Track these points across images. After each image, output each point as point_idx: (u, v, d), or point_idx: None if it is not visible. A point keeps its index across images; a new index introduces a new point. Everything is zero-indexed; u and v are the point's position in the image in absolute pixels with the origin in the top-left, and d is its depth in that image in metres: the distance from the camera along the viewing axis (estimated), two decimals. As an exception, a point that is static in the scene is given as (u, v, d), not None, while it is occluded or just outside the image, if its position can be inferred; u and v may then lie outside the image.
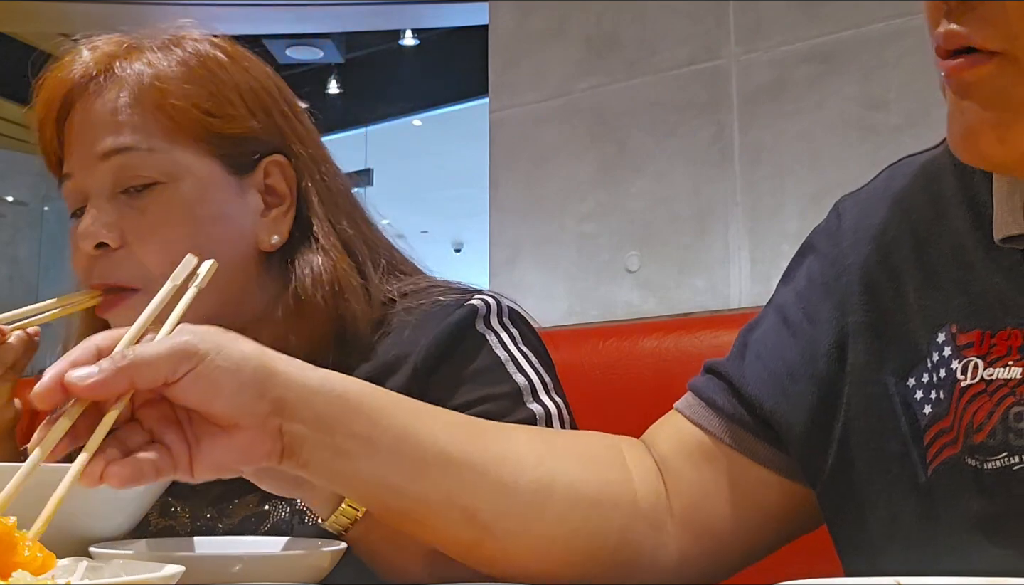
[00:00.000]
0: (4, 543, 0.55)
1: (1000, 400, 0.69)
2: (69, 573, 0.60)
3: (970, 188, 0.76)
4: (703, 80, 2.73)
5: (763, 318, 0.87)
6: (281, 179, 1.04)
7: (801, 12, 2.60)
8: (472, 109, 6.59)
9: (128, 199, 0.99)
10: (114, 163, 0.99)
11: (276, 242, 1.02)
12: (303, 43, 7.04)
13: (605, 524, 0.79)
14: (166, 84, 0.99)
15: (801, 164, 2.55)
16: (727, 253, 2.64)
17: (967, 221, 0.75)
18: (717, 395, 0.84)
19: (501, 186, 2.98)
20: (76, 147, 1.02)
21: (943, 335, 0.73)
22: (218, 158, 1.01)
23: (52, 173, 1.06)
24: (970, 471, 0.69)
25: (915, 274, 0.77)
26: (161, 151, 0.98)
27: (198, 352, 0.63)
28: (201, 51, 1.03)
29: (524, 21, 3.07)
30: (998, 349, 0.70)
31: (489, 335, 1.00)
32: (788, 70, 2.61)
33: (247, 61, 1.06)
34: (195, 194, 0.99)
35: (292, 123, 1.07)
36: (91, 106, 1.01)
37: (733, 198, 2.64)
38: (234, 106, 1.02)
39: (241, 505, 0.99)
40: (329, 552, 0.79)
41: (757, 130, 2.63)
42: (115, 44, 1.03)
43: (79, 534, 0.82)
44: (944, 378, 0.72)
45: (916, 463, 0.73)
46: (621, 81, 2.86)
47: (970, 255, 0.74)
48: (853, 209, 0.85)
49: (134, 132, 0.99)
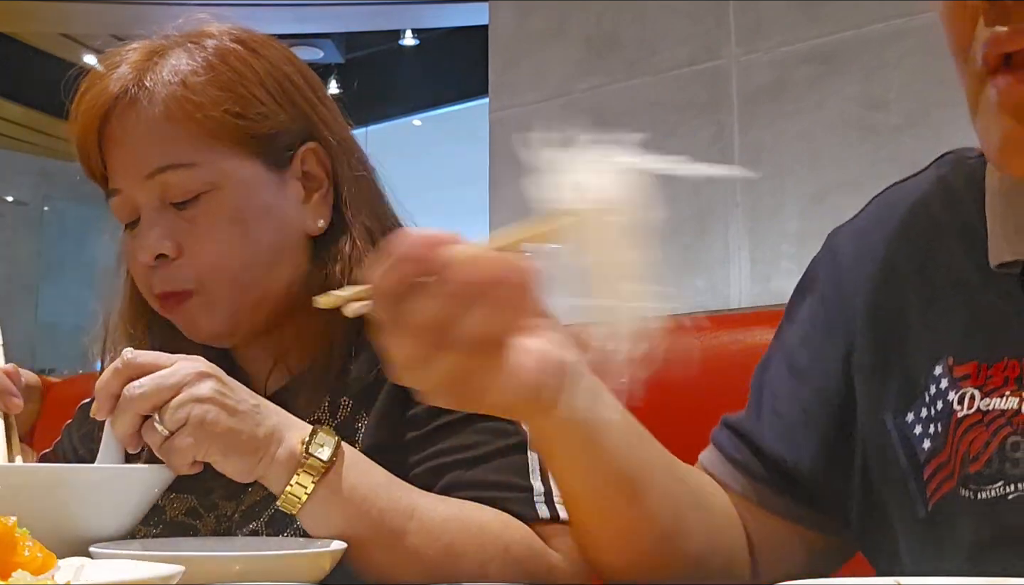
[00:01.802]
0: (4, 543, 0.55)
1: (997, 430, 0.68)
2: (69, 573, 0.60)
3: (960, 215, 0.76)
4: (703, 80, 2.73)
5: (772, 360, 0.88)
6: (316, 164, 1.07)
7: (801, 12, 2.60)
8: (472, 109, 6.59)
9: (178, 211, 1.01)
10: (159, 181, 1.01)
11: (322, 225, 1.06)
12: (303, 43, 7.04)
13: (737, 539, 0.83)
14: (196, 94, 1.01)
15: (801, 164, 2.54)
16: (727, 253, 2.64)
17: (961, 249, 0.75)
18: (739, 453, 0.85)
19: (501, 186, 2.98)
20: (120, 164, 1.04)
21: (940, 368, 0.73)
22: (257, 157, 1.03)
23: (97, 184, 1.08)
24: (965, 502, 0.69)
25: (917, 305, 0.77)
26: (202, 163, 1.01)
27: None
28: (222, 48, 1.04)
29: (524, 21, 3.07)
30: (995, 380, 0.70)
31: None
32: (788, 70, 2.61)
33: (269, 50, 1.07)
34: (240, 196, 1.02)
35: (319, 109, 1.09)
36: (128, 122, 1.02)
37: (733, 198, 2.64)
38: (262, 103, 1.04)
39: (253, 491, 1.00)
40: (329, 552, 0.79)
41: (757, 130, 2.63)
42: (141, 53, 1.05)
43: (79, 534, 0.82)
44: (941, 410, 0.72)
45: (916, 498, 0.73)
46: (621, 81, 2.86)
47: (967, 283, 0.74)
48: (848, 243, 0.85)
49: (174, 147, 1.01)
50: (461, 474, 0.93)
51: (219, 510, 1.02)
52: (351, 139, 1.13)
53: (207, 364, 0.86)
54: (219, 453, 0.84)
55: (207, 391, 0.83)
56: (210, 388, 0.83)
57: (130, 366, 0.85)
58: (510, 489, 0.93)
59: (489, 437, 0.95)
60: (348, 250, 1.04)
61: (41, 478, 0.85)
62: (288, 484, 0.84)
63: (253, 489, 0.99)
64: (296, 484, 0.84)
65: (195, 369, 0.84)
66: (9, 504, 0.66)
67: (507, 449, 0.94)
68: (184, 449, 0.83)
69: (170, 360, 0.86)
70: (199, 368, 0.85)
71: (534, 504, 0.92)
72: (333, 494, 0.85)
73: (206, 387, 0.83)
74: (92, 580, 0.60)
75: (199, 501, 1.04)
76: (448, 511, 0.89)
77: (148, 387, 0.83)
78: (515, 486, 0.93)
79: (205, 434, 0.83)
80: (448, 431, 0.96)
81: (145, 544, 0.86)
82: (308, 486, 0.84)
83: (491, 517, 0.90)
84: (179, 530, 1.02)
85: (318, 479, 0.84)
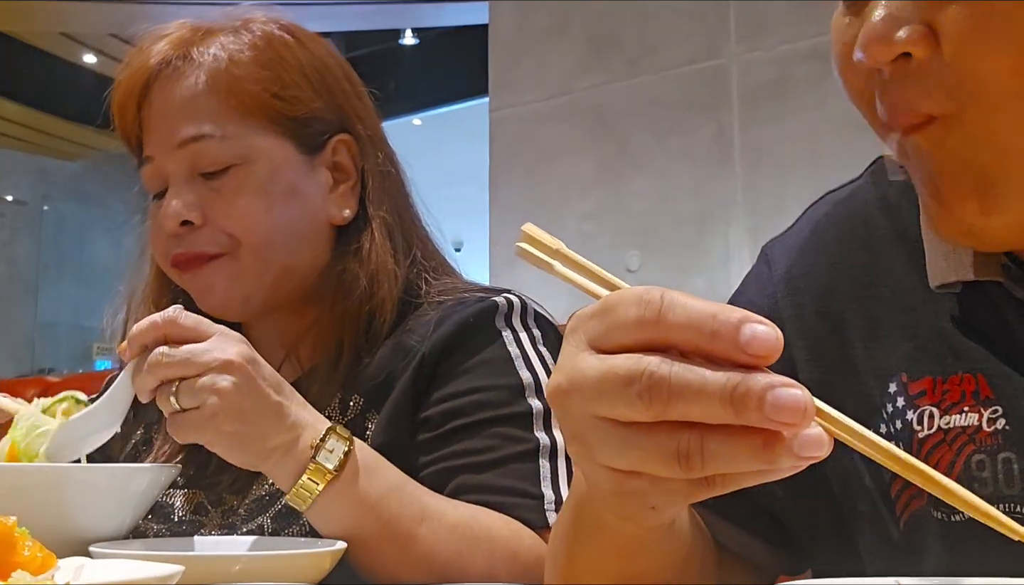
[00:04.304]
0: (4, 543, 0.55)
1: (960, 449, 0.67)
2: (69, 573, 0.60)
3: (900, 226, 0.74)
4: (704, 79, 2.73)
5: None
6: (347, 156, 1.08)
7: (802, 11, 2.60)
8: (472, 109, 6.59)
9: (206, 181, 1.03)
10: (191, 150, 1.02)
11: (347, 216, 1.07)
12: (303, 42, 7.04)
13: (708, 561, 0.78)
14: (239, 69, 1.03)
15: (802, 163, 2.54)
16: (727, 252, 2.64)
17: (903, 262, 0.73)
18: None
19: (501, 185, 2.98)
20: (155, 132, 1.05)
21: (894, 385, 0.71)
22: (289, 138, 1.05)
23: (132, 154, 1.10)
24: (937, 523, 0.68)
25: (858, 323, 0.74)
26: (235, 137, 1.03)
27: None
28: (268, 33, 1.07)
29: (524, 20, 3.07)
30: (951, 395, 0.68)
31: (506, 332, 1.01)
32: (789, 69, 2.61)
33: (312, 42, 1.10)
34: (268, 173, 1.03)
35: (354, 103, 1.11)
36: (169, 91, 1.04)
37: (734, 197, 2.64)
38: (300, 88, 1.06)
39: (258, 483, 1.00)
40: (329, 552, 0.79)
41: (758, 129, 2.63)
42: (189, 30, 1.07)
43: (79, 534, 0.82)
44: (901, 430, 0.70)
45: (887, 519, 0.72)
46: (622, 80, 2.86)
47: (911, 299, 0.72)
48: (782, 256, 0.81)
49: (210, 119, 1.03)
50: (471, 478, 0.93)
51: (225, 504, 1.02)
52: (382, 136, 1.14)
53: (244, 349, 0.85)
54: (221, 449, 0.84)
55: (227, 385, 0.82)
56: (231, 383, 0.82)
57: (171, 324, 0.84)
58: (520, 495, 0.92)
59: (501, 442, 0.94)
60: (367, 246, 1.05)
61: (41, 478, 0.84)
62: (295, 484, 0.84)
63: (259, 484, 1.00)
64: (305, 483, 0.84)
65: (226, 356, 0.83)
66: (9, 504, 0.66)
67: (519, 455, 0.94)
68: (187, 431, 0.83)
69: (210, 330, 0.84)
70: (230, 355, 0.83)
71: (544, 512, 0.92)
72: (341, 497, 0.85)
73: (228, 382, 0.82)
74: (92, 580, 0.60)
75: (206, 496, 1.04)
76: (458, 516, 0.88)
77: (176, 359, 0.83)
78: (525, 492, 0.93)
79: (210, 428, 0.83)
80: (460, 435, 0.95)
81: (145, 544, 0.86)
82: (316, 488, 0.84)
83: (501, 523, 0.90)
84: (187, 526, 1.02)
85: (325, 485, 0.84)
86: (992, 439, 0.67)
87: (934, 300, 0.70)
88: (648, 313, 0.45)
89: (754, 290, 0.83)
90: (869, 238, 0.76)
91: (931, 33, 0.57)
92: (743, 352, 0.43)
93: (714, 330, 0.44)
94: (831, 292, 0.77)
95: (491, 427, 0.95)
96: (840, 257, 0.77)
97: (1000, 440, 0.66)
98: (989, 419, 0.67)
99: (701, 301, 0.46)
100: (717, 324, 0.44)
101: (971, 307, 0.69)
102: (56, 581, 0.56)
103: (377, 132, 1.13)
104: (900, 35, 0.57)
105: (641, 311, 0.46)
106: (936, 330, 0.70)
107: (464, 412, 0.95)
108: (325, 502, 0.85)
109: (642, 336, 0.45)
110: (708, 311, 0.45)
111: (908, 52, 0.57)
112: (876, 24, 0.57)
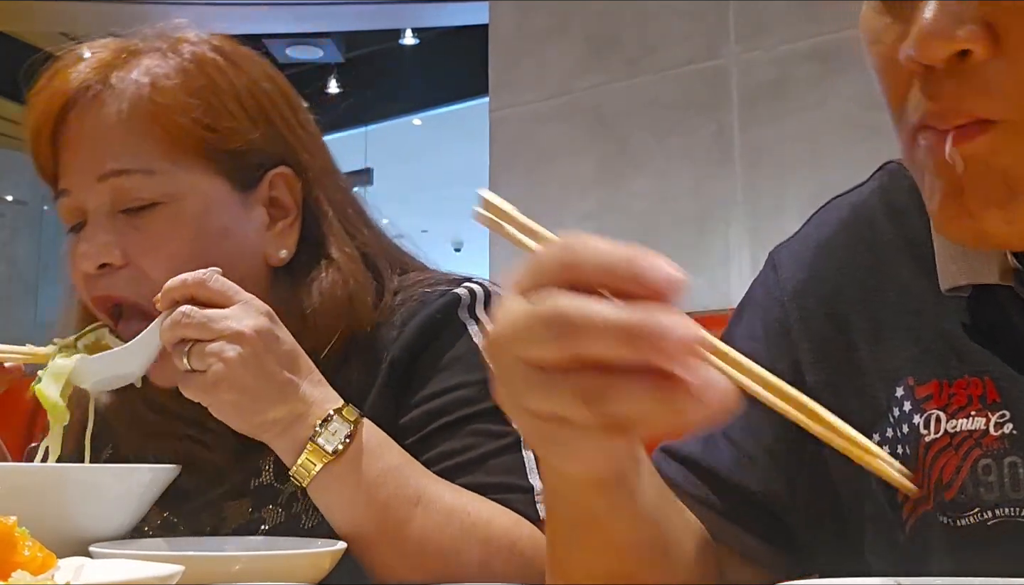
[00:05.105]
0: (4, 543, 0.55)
1: (966, 453, 0.67)
2: (69, 573, 0.60)
3: (907, 232, 0.74)
4: (703, 79, 2.73)
5: None
6: (286, 191, 1.02)
7: (802, 11, 2.60)
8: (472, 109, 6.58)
9: (128, 218, 0.96)
10: (112, 185, 0.95)
11: (284, 256, 1.00)
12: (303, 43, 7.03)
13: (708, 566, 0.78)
14: (164, 98, 0.96)
15: (802, 163, 2.54)
16: (728, 252, 2.64)
17: (909, 267, 0.73)
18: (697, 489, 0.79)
19: (501, 185, 2.98)
20: (72, 164, 0.98)
21: (901, 389, 0.71)
22: (222, 174, 0.98)
23: (47, 183, 1.02)
24: (943, 528, 0.68)
25: (864, 327, 0.74)
26: (160, 172, 0.95)
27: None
28: (200, 56, 0.99)
29: (524, 20, 3.07)
30: (958, 399, 0.68)
31: (471, 324, 0.99)
32: (789, 69, 2.61)
33: (249, 64, 1.02)
34: (197, 212, 0.96)
35: (295, 130, 1.03)
36: (87, 121, 0.97)
37: (734, 197, 2.64)
38: (235, 118, 0.98)
39: (235, 513, 0.99)
40: (329, 552, 0.79)
41: (758, 129, 2.63)
42: (111, 51, 0.99)
43: (79, 534, 0.82)
44: (908, 434, 0.70)
45: (893, 523, 0.72)
46: (621, 80, 2.86)
47: (917, 303, 0.72)
48: (789, 261, 0.82)
49: (132, 152, 0.95)
50: (459, 479, 0.92)
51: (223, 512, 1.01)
52: (331, 166, 1.07)
53: (261, 322, 0.85)
54: (221, 415, 0.86)
55: (232, 355, 0.83)
56: (237, 354, 0.83)
57: (199, 286, 0.86)
58: (511, 490, 0.92)
59: (484, 439, 0.94)
60: (321, 283, 0.98)
61: (41, 478, 0.85)
62: (296, 462, 0.86)
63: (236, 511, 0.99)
64: (303, 463, 0.86)
65: (239, 327, 0.84)
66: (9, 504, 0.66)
67: (503, 450, 0.94)
68: (192, 392, 0.85)
69: (235, 298, 0.86)
70: (243, 327, 0.84)
71: (535, 504, 0.92)
72: (339, 479, 0.86)
73: (234, 352, 0.83)
74: (92, 580, 0.60)
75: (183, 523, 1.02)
76: (455, 501, 0.88)
77: (194, 321, 0.84)
78: (515, 487, 0.92)
79: (211, 394, 0.85)
80: (442, 436, 0.95)
81: (145, 544, 0.86)
82: (314, 468, 0.86)
83: (500, 512, 0.90)
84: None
85: (322, 466, 0.86)
86: (999, 443, 0.67)
87: (940, 304, 0.70)
88: (567, 256, 0.46)
89: (761, 295, 0.83)
90: (875, 242, 0.76)
91: (992, 32, 0.55)
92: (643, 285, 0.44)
93: (613, 268, 0.45)
94: (837, 296, 0.77)
95: (470, 424, 0.95)
96: (846, 261, 0.77)
97: (1007, 444, 0.66)
98: (996, 423, 0.67)
99: (620, 246, 0.46)
100: (623, 261, 0.45)
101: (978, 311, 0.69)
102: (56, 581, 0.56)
103: (324, 162, 1.06)
104: (960, 32, 0.55)
105: (561, 255, 0.47)
106: (943, 334, 0.70)
107: (442, 413, 0.95)
108: (324, 482, 0.86)
109: (562, 279, 0.46)
110: (620, 253, 0.46)
111: (967, 49, 0.55)
112: (934, 20, 0.56)
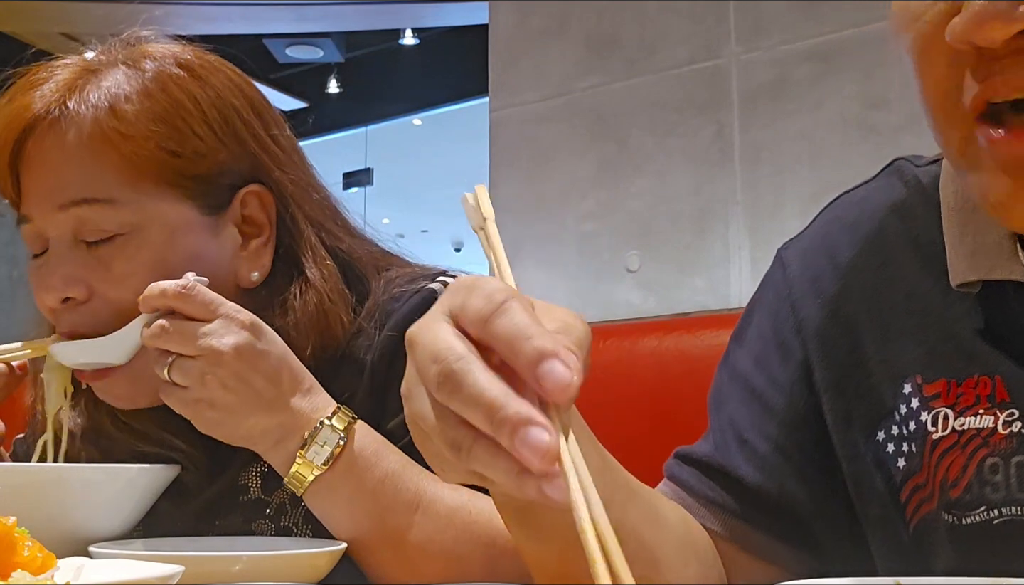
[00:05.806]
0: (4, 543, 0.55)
1: (973, 452, 0.67)
2: (69, 573, 0.60)
3: (914, 228, 0.74)
4: (703, 79, 2.73)
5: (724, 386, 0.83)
6: (259, 209, 0.98)
7: (801, 11, 2.60)
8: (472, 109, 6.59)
9: (91, 249, 0.92)
10: (73, 214, 0.91)
11: (256, 279, 0.97)
12: (303, 43, 7.04)
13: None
14: (124, 125, 0.91)
15: (801, 163, 2.54)
16: (727, 253, 2.64)
17: (916, 265, 0.73)
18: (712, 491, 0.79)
19: (501, 186, 2.98)
20: (33, 191, 0.94)
21: (909, 386, 0.71)
22: (189, 199, 0.94)
23: (11, 207, 0.98)
24: (948, 527, 0.68)
25: (870, 326, 0.74)
26: (123, 201, 0.91)
27: None
28: (162, 74, 0.94)
29: (524, 21, 3.07)
30: (966, 398, 0.68)
31: None
32: (788, 69, 2.61)
33: (214, 76, 0.97)
34: (164, 241, 0.92)
35: (267, 146, 0.99)
36: (46, 146, 0.92)
37: (733, 197, 2.64)
38: (201, 139, 0.94)
39: (225, 524, 0.98)
40: (328, 552, 0.79)
41: (757, 129, 2.63)
42: (72, 71, 0.95)
43: (79, 534, 0.82)
44: (915, 431, 0.70)
45: (897, 522, 0.72)
46: (621, 80, 2.86)
47: (924, 301, 0.72)
48: (796, 259, 0.82)
49: (92, 181, 0.91)
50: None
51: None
52: (308, 179, 1.03)
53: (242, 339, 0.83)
54: (204, 429, 0.86)
55: (212, 379, 0.82)
56: (217, 378, 0.82)
57: (179, 298, 0.84)
58: None
59: None
60: (297, 301, 0.95)
61: (41, 478, 0.85)
62: (289, 473, 0.86)
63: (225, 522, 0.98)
64: (295, 474, 0.86)
65: (219, 347, 0.82)
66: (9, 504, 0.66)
67: None
68: (173, 404, 0.85)
69: (216, 312, 0.83)
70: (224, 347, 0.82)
71: None
72: (332, 490, 0.86)
73: (214, 375, 0.82)
74: (92, 580, 0.60)
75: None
76: (456, 502, 0.87)
77: (173, 336, 0.83)
78: None
79: (192, 410, 0.85)
80: None
81: (145, 544, 0.86)
82: (306, 479, 0.85)
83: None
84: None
85: (314, 478, 0.85)
86: (1007, 442, 0.66)
87: (949, 303, 0.70)
88: (486, 310, 0.47)
89: (771, 295, 0.83)
90: (883, 240, 0.76)
91: None
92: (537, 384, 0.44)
93: (520, 351, 0.45)
94: (844, 294, 0.77)
95: None
96: (853, 259, 0.77)
97: (1015, 443, 0.66)
98: (1005, 422, 0.67)
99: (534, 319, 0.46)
100: (526, 347, 0.44)
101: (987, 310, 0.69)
102: (56, 581, 0.56)
103: (300, 176, 1.01)
104: (1022, 10, 0.54)
105: (483, 305, 0.47)
106: (951, 333, 0.70)
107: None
108: (319, 492, 0.86)
109: (475, 329, 0.47)
110: (527, 332, 0.45)
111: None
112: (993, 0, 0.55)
